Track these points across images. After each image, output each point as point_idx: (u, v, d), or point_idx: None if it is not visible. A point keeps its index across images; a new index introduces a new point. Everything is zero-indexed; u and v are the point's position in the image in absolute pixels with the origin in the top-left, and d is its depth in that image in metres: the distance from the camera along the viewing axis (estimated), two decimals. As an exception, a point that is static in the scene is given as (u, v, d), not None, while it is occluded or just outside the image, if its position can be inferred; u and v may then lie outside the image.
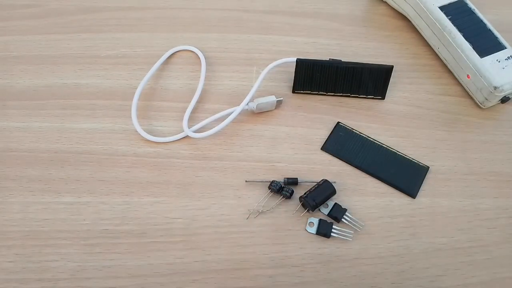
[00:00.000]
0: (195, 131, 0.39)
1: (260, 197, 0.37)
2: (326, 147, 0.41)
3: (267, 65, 0.42)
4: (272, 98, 0.41)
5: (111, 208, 0.36)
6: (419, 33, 0.49)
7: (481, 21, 0.45)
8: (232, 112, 0.39)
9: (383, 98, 0.44)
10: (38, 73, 0.44)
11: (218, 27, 0.48)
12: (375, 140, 0.41)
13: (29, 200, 0.36)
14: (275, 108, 0.42)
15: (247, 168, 0.39)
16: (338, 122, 0.42)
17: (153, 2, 0.50)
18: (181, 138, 0.40)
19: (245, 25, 0.49)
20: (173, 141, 0.39)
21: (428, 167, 0.40)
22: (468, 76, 0.44)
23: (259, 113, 0.42)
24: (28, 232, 0.34)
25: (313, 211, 0.37)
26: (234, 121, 0.39)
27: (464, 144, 0.42)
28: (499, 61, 0.42)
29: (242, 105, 0.40)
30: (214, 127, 0.39)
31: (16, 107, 0.41)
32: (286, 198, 0.37)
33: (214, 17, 0.49)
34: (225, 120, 0.39)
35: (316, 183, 0.37)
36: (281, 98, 0.42)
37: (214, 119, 0.40)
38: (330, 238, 0.36)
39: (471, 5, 0.46)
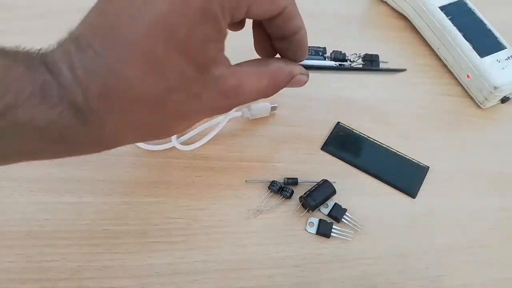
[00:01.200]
0: (185, 142, 0.39)
1: (260, 197, 0.37)
2: (326, 147, 0.41)
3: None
4: (266, 105, 0.40)
5: (111, 208, 0.36)
6: (419, 33, 0.49)
7: (481, 21, 0.45)
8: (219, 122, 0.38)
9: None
10: (38, 73, 0.44)
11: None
12: (375, 140, 0.41)
13: (29, 200, 0.35)
14: (269, 115, 0.41)
15: (247, 168, 0.39)
16: (338, 122, 0.42)
17: (153, 2, 0.50)
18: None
19: (245, 25, 0.49)
20: (160, 150, 0.38)
21: (428, 167, 0.40)
22: (468, 76, 0.44)
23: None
24: (28, 232, 0.34)
25: (313, 211, 0.37)
26: (233, 121, 0.39)
27: (464, 144, 0.42)
28: (499, 61, 0.43)
29: (230, 114, 0.39)
30: (207, 134, 0.38)
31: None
32: (286, 198, 0.37)
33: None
34: (212, 132, 0.38)
35: (316, 183, 0.37)
36: (276, 105, 0.41)
37: (203, 128, 0.39)
38: (330, 238, 0.36)
39: (471, 5, 0.46)
